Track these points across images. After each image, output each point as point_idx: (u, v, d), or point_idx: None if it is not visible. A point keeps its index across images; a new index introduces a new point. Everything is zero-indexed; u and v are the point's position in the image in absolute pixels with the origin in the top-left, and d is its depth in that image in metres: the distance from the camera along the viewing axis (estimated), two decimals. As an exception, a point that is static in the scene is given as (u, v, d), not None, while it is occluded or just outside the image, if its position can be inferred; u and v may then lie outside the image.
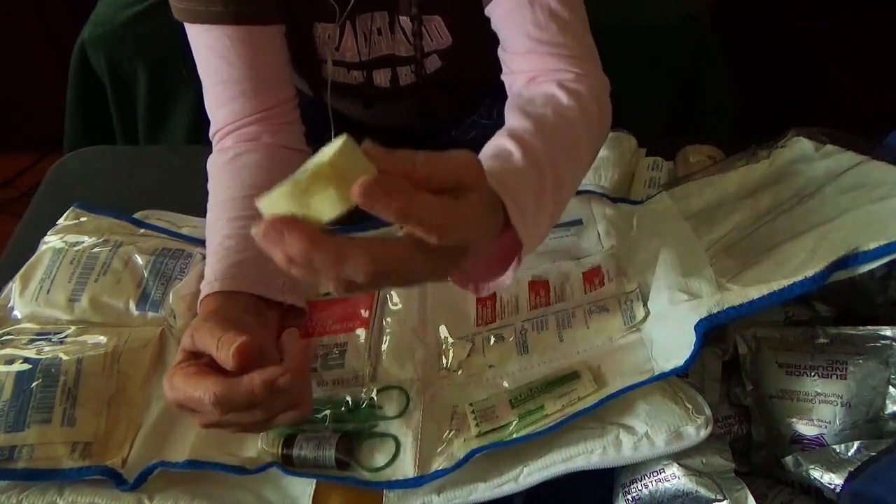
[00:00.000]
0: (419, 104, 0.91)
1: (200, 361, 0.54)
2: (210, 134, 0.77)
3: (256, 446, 0.60)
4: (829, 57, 1.80)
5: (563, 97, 0.65)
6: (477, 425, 0.58)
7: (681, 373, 0.55)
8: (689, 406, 0.53)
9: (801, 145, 0.69)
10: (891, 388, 0.54)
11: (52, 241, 0.72)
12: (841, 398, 0.55)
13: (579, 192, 0.76)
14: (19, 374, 0.59)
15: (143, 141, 1.30)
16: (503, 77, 0.76)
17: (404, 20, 0.80)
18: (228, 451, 0.59)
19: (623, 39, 1.22)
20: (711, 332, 0.62)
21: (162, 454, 0.58)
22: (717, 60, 1.30)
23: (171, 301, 0.67)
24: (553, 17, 0.70)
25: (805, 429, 0.55)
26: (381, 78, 0.87)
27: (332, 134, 0.90)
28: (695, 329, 0.54)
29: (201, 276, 0.69)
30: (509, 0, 0.70)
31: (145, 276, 0.68)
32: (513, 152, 0.55)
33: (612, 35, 0.82)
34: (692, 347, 0.54)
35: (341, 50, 0.82)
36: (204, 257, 0.71)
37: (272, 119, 0.76)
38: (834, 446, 0.52)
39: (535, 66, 0.71)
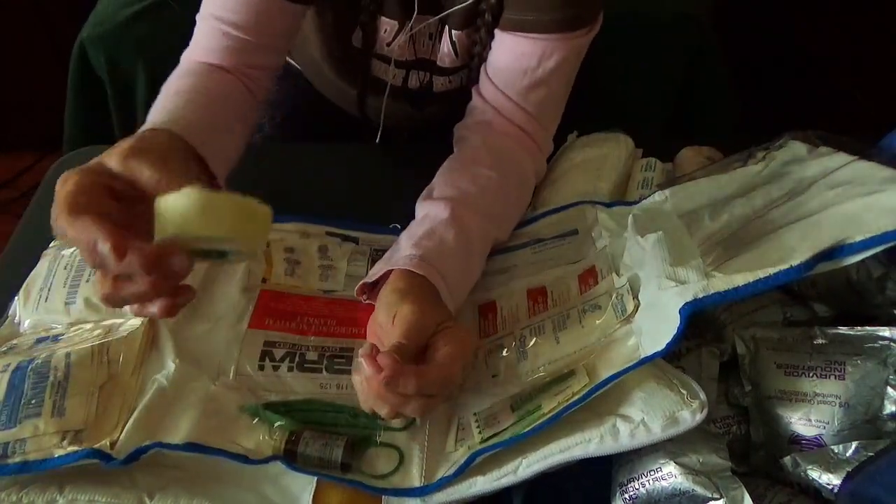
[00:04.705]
0: (447, 108, 0.91)
1: (106, 190, 0.52)
2: (184, 54, 0.77)
3: (258, 437, 0.60)
4: (830, 57, 1.80)
5: (509, 170, 0.77)
6: (480, 432, 0.58)
7: (663, 356, 0.55)
8: (684, 392, 0.54)
9: (795, 148, 0.69)
10: (889, 389, 0.54)
11: (50, 252, 0.73)
12: (839, 398, 0.55)
13: (574, 205, 0.76)
14: (12, 375, 0.59)
15: (143, 141, 1.30)
16: (473, 89, 0.82)
17: (458, 34, 0.81)
18: (229, 438, 0.59)
19: (622, 39, 1.22)
20: (709, 331, 0.63)
21: (156, 436, 0.58)
22: (717, 60, 1.30)
23: None
24: (544, 84, 0.77)
25: (803, 429, 0.55)
26: (415, 80, 0.88)
27: (379, 136, 0.92)
28: (679, 313, 0.54)
29: None
30: (522, 44, 0.75)
31: None
32: (448, 238, 0.67)
33: (611, 35, 0.83)
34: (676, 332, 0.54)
35: (392, 45, 0.83)
36: None
37: (249, 78, 0.77)
38: (832, 447, 0.52)
39: (505, 109, 0.79)
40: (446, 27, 0.81)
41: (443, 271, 0.65)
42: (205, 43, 0.76)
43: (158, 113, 0.66)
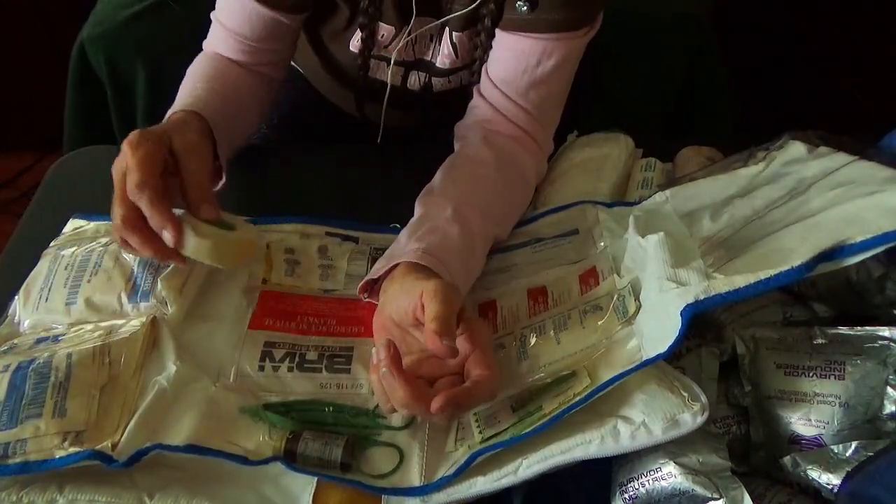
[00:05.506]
0: (447, 108, 0.92)
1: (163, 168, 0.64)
2: (205, 42, 0.83)
3: (257, 437, 0.60)
4: (830, 57, 1.80)
5: (510, 169, 0.77)
6: (480, 432, 0.58)
7: (665, 358, 0.55)
8: (685, 394, 0.54)
9: (796, 148, 0.69)
10: (889, 389, 0.54)
11: (50, 252, 0.73)
12: (839, 398, 0.55)
13: (575, 205, 0.76)
14: (13, 375, 0.59)
15: (143, 141, 1.30)
16: (474, 88, 0.82)
17: (458, 36, 0.81)
18: (229, 439, 0.59)
19: (622, 39, 1.22)
20: (709, 330, 0.63)
21: (157, 437, 0.58)
22: (717, 60, 1.30)
23: (160, 289, 0.67)
24: (544, 84, 0.78)
25: (803, 429, 0.55)
26: (415, 81, 0.88)
27: (380, 136, 0.94)
28: (681, 315, 0.54)
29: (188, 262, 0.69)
30: (523, 43, 0.76)
31: (135, 268, 0.69)
32: (454, 235, 0.68)
33: (611, 35, 0.83)
34: (677, 333, 0.54)
35: (390, 48, 0.83)
36: None
37: (262, 72, 0.83)
38: (832, 446, 0.52)
39: (506, 109, 0.79)
40: (446, 29, 0.81)
41: (447, 265, 0.65)
42: (218, 43, 0.81)
43: (191, 97, 0.74)
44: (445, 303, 0.57)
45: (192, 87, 0.77)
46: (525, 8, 0.73)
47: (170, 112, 0.73)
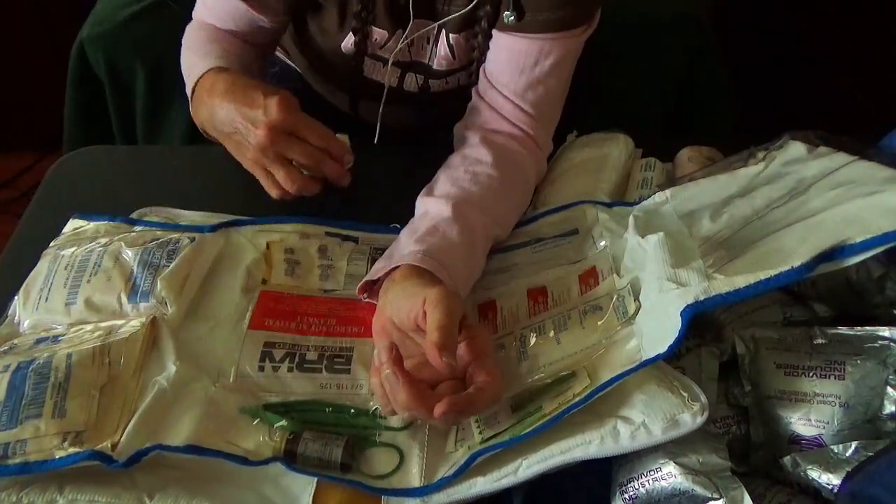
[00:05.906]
0: (445, 109, 0.92)
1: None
2: (194, 13, 0.85)
3: (257, 438, 0.60)
4: (830, 57, 1.80)
5: (509, 168, 0.77)
6: (480, 432, 0.58)
7: (665, 358, 0.55)
8: (685, 394, 0.54)
9: (795, 148, 0.69)
10: (889, 389, 0.54)
11: (50, 252, 0.73)
12: (839, 398, 0.55)
13: (574, 205, 0.77)
14: (13, 376, 0.59)
15: (142, 140, 1.30)
16: (473, 90, 0.82)
17: (455, 38, 0.81)
18: (229, 439, 0.59)
19: (622, 39, 1.22)
20: (709, 331, 0.63)
21: (157, 438, 0.58)
22: (717, 60, 1.30)
23: (159, 289, 0.67)
24: (542, 83, 0.78)
25: (803, 429, 0.55)
26: (411, 82, 0.88)
27: (376, 137, 0.93)
28: (681, 315, 0.54)
29: (190, 261, 0.69)
30: (520, 44, 0.76)
31: (134, 269, 0.69)
32: (454, 237, 0.68)
33: (611, 35, 0.83)
34: (677, 334, 0.54)
35: (385, 49, 0.83)
36: (191, 240, 0.72)
37: (254, 44, 0.85)
38: (832, 447, 0.52)
39: (504, 109, 0.79)
40: (443, 31, 0.81)
41: (447, 267, 0.65)
42: (206, 15, 0.82)
43: (213, 58, 0.77)
44: (448, 313, 0.57)
45: (201, 51, 0.78)
46: (512, 18, 0.73)
47: (200, 73, 0.75)
